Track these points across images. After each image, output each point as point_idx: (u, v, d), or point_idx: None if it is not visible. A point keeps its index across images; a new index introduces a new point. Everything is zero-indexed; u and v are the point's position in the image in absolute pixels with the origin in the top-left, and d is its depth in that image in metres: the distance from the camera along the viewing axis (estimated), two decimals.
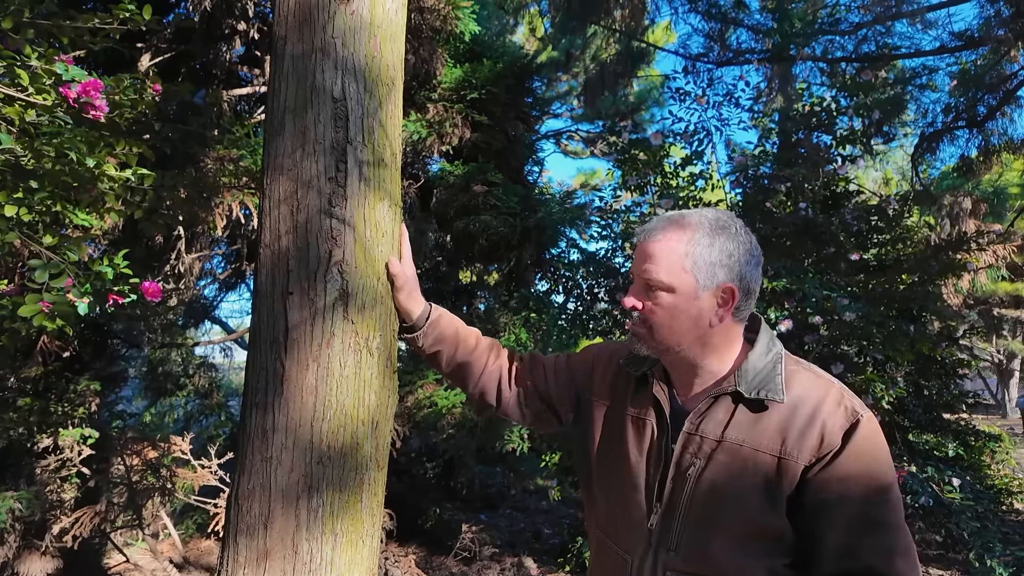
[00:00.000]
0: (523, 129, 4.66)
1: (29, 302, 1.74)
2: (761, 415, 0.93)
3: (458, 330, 1.20)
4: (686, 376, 1.02)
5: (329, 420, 1.04)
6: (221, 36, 3.85)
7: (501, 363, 1.22)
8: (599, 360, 1.17)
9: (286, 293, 1.06)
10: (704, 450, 0.95)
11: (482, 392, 1.21)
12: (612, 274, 4.16)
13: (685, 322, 0.97)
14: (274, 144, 1.11)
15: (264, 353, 1.06)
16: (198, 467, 3.12)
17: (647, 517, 0.98)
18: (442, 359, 1.20)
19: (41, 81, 1.84)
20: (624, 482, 1.02)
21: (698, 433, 0.96)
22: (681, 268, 0.96)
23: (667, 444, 0.99)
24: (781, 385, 0.94)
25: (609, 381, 1.13)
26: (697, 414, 0.97)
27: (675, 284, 0.96)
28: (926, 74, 6.19)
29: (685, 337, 0.97)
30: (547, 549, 4.90)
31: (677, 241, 0.97)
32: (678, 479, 0.96)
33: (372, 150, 1.13)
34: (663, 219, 1.01)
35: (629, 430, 1.04)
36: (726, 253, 0.96)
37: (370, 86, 1.13)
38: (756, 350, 0.99)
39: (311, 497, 1.02)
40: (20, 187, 1.85)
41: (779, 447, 0.91)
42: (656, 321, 0.97)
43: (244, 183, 2.99)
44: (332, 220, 1.07)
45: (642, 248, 1.00)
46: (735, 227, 0.98)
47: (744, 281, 0.97)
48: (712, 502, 0.93)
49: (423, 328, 1.17)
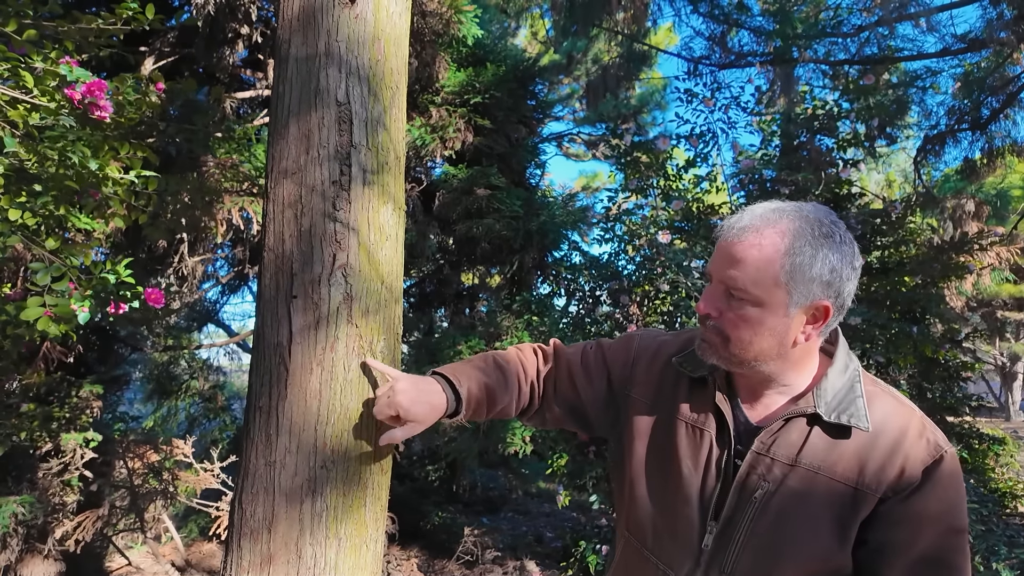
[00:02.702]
0: (525, 133, 4.67)
1: (31, 305, 1.74)
2: (839, 441, 0.86)
3: (487, 384, 1.06)
4: (756, 388, 0.94)
5: (333, 424, 1.04)
6: (224, 39, 3.86)
7: (531, 378, 1.12)
8: (643, 353, 1.07)
9: (290, 297, 1.06)
10: (775, 473, 0.87)
11: (520, 414, 1.13)
12: (615, 277, 4.15)
13: (768, 339, 0.87)
14: (278, 147, 1.11)
15: (268, 356, 1.06)
16: (200, 470, 3.12)
17: (699, 535, 0.91)
18: (481, 416, 1.09)
19: (45, 83, 1.84)
20: (673, 493, 0.94)
21: (769, 454, 0.88)
22: (774, 281, 0.83)
23: (730, 461, 0.91)
24: (864, 410, 0.86)
25: (655, 379, 1.03)
26: (769, 433, 0.89)
27: (764, 298, 0.84)
28: (929, 76, 6.19)
29: (764, 354, 0.88)
30: (549, 553, 4.89)
31: (774, 249, 0.84)
32: (741, 501, 0.89)
33: (376, 154, 1.13)
34: (757, 215, 0.87)
35: (682, 437, 0.95)
36: (828, 267, 0.83)
37: (374, 89, 1.13)
38: (835, 366, 0.90)
39: (315, 501, 1.02)
40: (24, 191, 1.85)
41: (856, 477, 0.84)
42: (734, 334, 0.87)
43: (245, 188, 3.00)
44: (336, 224, 1.07)
45: (728, 249, 0.87)
46: (839, 234, 0.85)
47: (841, 298, 0.86)
48: (779, 530, 0.86)
49: (462, 412, 1.04)
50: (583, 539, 4.12)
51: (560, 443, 4.01)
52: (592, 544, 4.00)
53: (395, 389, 0.99)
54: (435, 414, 1.01)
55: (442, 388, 1.03)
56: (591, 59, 9.22)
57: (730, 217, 0.91)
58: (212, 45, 3.86)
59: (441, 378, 1.05)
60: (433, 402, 1.01)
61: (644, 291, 4.01)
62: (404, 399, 0.97)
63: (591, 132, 10.66)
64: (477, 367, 1.08)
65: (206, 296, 5.41)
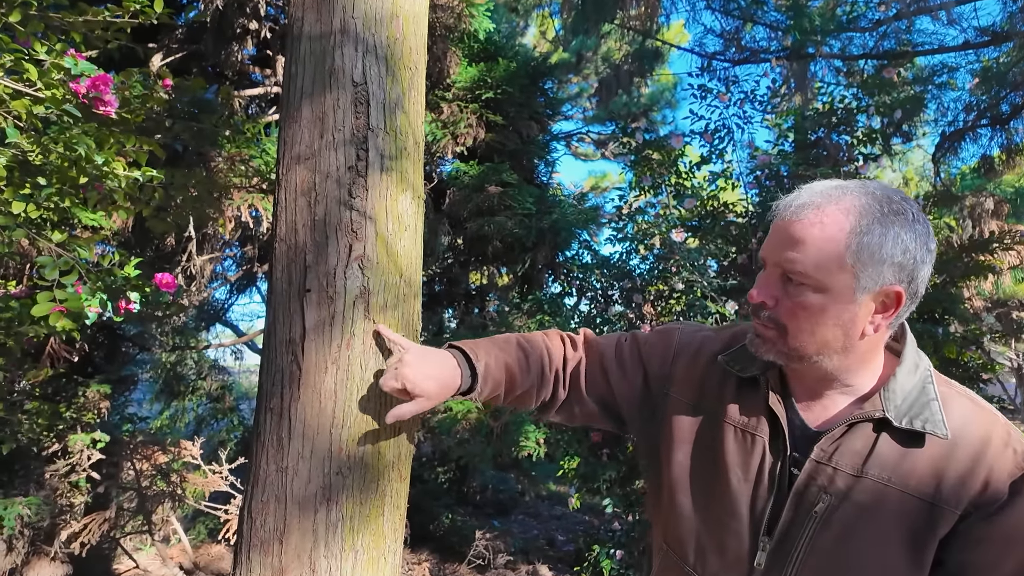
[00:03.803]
0: (537, 129, 4.59)
1: (40, 300, 1.69)
2: (911, 449, 0.77)
3: (507, 363, 0.98)
4: (815, 388, 0.84)
5: (349, 427, 0.97)
6: (233, 35, 3.82)
7: (556, 365, 1.03)
8: (684, 349, 0.98)
9: (303, 290, 0.99)
10: (837, 485, 0.78)
11: (542, 406, 1.04)
12: (626, 276, 4.08)
13: (832, 329, 0.77)
14: (290, 132, 1.04)
15: (279, 355, 0.99)
16: (209, 472, 3.07)
17: (750, 552, 0.83)
18: (499, 400, 1.01)
19: (50, 76, 1.80)
20: (719, 504, 0.86)
21: (831, 463, 0.79)
22: (839, 264, 0.74)
23: (785, 470, 0.82)
24: (940, 415, 0.76)
25: (698, 377, 0.94)
26: (831, 440, 0.80)
27: (827, 283, 0.75)
28: (946, 72, 6.07)
29: (828, 346, 0.78)
30: (561, 556, 4.81)
31: (838, 227, 0.75)
32: (799, 514, 0.80)
33: (395, 138, 1.05)
34: (816, 192, 0.78)
35: (729, 443, 0.86)
36: (901, 248, 0.74)
37: (392, 69, 1.06)
38: (904, 365, 0.80)
39: (330, 510, 0.95)
40: (27, 183, 1.80)
41: (933, 491, 0.75)
42: (793, 324, 0.78)
43: (255, 184, 2.94)
44: (352, 212, 1.00)
45: (786, 229, 0.78)
46: (911, 211, 0.76)
47: (914, 284, 0.77)
48: (844, 548, 0.77)
49: (476, 389, 0.95)
50: (597, 543, 4.03)
51: (572, 445, 3.94)
52: (606, 548, 3.91)
53: (404, 360, 0.90)
54: (446, 390, 0.93)
55: (457, 363, 0.95)
56: (601, 57, 9.15)
57: (785, 196, 0.82)
58: (221, 41, 3.82)
59: (457, 352, 0.97)
60: (445, 376, 0.92)
61: (658, 290, 3.94)
62: (412, 371, 0.89)
63: (600, 131, 10.60)
64: (497, 345, 1.00)
65: (214, 296, 5.37)
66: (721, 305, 3.41)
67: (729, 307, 3.43)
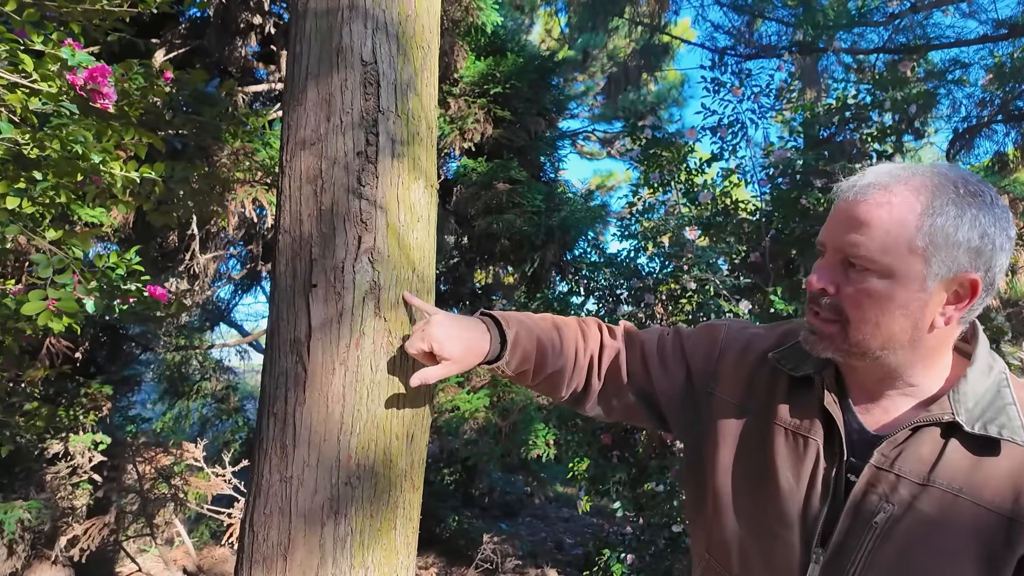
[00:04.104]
0: (545, 126, 4.52)
1: (33, 299, 1.63)
2: (985, 458, 0.69)
3: (539, 337, 0.93)
4: (875, 388, 0.77)
5: (359, 433, 0.90)
6: (236, 30, 3.76)
7: (591, 351, 0.97)
8: (731, 346, 0.91)
9: (308, 285, 0.91)
10: (901, 494, 0.71)
11: (572, 394, 0.98)
12: (635, 275, 4.00)
13: (899, 320, 0.70)
14: (295, 115, 0.97)
15: (283, 355, 0.92)
16: (212, 475, 3.01)
17: (801, 564, 0.76)
18: (528, 376, 0.95)
19: (46, 67, 1.73)
20: (768, 512, 0.79)
21: (893, 469, 0.72)
22: (908, 247, 0.68)
23: (841, 476, 0.75)
24: (1020, 420, 0.69)
25: (745, 375, 0.87)
26: (893, 444, 0.73)
27: (896, 268, 0.69)
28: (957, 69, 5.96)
29: (894, 339, 0.71)
30: (570, 560, 4.73)
31: (907, 207, 0.68)
32: (857, 525, 0.73)
33: (406, 122, 0.98)
34: (883, 172, 0.72)
35: (779, 446, 0.80)
36: (978, 231, 0.68)
37: (404, 48, 0.98)
38: (976, 365, 0.73)
39: (338, 524, 0.88)
40: (22, 177, 1.73)
41: (1012, 505, 0.67)
42: (856, 314, 0.71)
43: (259, 178, 2.87)
44: (362, 201, 0.92)
45: (849, 210, 0.72)
46: (989, 194, 0.69)
47: (991, 272, 0.70)
48: (908, 564, 0.70)
49: (505, 357, 0.90)
50: (607, 547, 3.95)
51: (582, 447, 3.86)
52: (617, 553, 3.83)
53: (431, 321, 0.87)
54: (473, 355, 0.88)
55: (487, 327, 0.91)
56: (607, 55, 9.07)
57: (847, 179, 0.75)
58: (224, 36, 3.76)
59: (488, 318, 0.93)
60: (473, 339, 0.88)
61: (669, 289, 3.86)
62: (440, 331, 0.86)
63: (606, 129, 10.51)
64: (531, 318, 0.96)
65: (219, 295, 5.32)
66: (734, 304, 3.33)
67: (742, 306, 3.35)
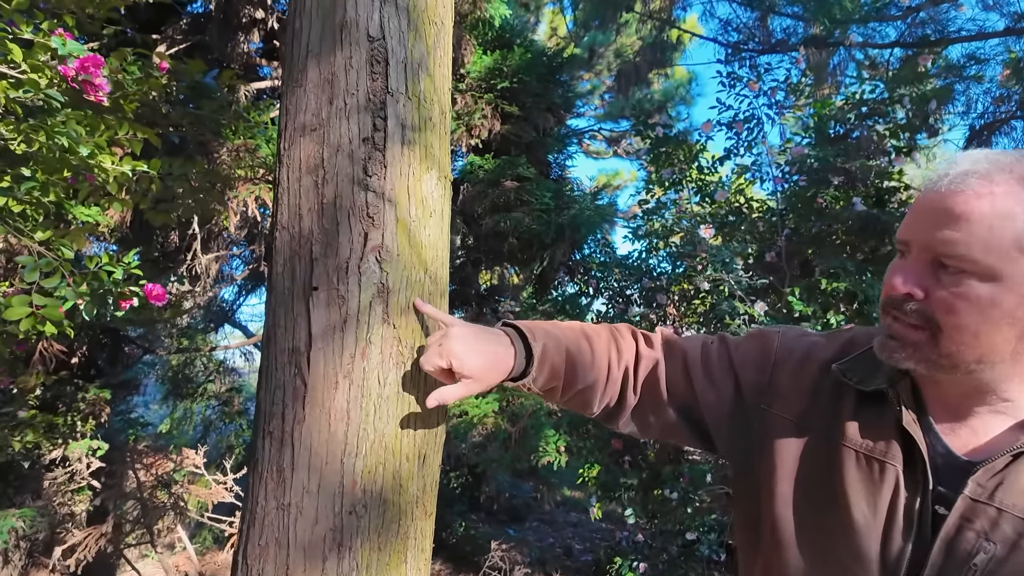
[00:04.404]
0: (553, 122, 4.41)
1: (16, 304, 1.53)
2: None
3: (568, 349, 0.84)
4: (960, 405, 0.68)
5: (365, 455, 0.79)
6: (239, 26, 3.67)
7: (626, 362, 0.87)
8: (787, 356, 0.81)
9: (309, 289, 0.81)
10: (1004, 531, 0.62)
11: (605, 410, 0.89)
12: (646, 275, 3.90)
13: (1004, 330, 0.61)
14: (294, 98, 0.87)
15: (280, 367, 0.82)
16: (212, 483, 2.91)
17: None
18: (557, 393, 0.86)
19: (35, 57, 1.64)
20: (839, 548, 0.70)
21: (993, 502, 0.63)
22: (1015, 244, 0.59)
23: (927, 508, 0.66)
24: None
25: (806, 390, 0.77)
26: (990, 472, 0.63)
27: (1000, 269, 0.59)
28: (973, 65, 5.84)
29: (994, 351, 0.62)
30: (579, 567, 4.63)
31: (1014, 198, 0.59)
32: (950, 566, 0.64)
33: (418, 105, 0.88)
34: (980, 159, 0.62)
35: (850, 471, 0.70)
36: None
37: (415, 23, 0.88)
38: None
39: (341, 558, 0.77)
40: (8, 174, 1.64)
41: None
42: (951, 321, 0.62)
43: (262, 176, 2.78)
44: (368, 193, 0.82)
45: (940, 203, 0.62)
46: None
47: None
48: None
49: (532, 373, 0.82)
50: (618, 555, 3.85)
51: (593, 453, 3.76)
52: (629, 561, 3.72)
53: (449, 334, 0.78)
54: (497, 371, 0.79)
55: (511, 340, 0.82)
56: (613, 52, 8.96)
57: (935, 170, 0.65)
58: (226, 32, 3.67)
59: (511, 330, 0.84)
60: (496, 354, 0.79)
61: (682, 290, 3.75)
62: (459, 346, 0.76)
63: (613, 128, 10.40)
64: (559, 328, 0.86)
65: (222, 296, 5.24)
66: (749, 306, 3.23)
67: (758, 307, 3.24)
